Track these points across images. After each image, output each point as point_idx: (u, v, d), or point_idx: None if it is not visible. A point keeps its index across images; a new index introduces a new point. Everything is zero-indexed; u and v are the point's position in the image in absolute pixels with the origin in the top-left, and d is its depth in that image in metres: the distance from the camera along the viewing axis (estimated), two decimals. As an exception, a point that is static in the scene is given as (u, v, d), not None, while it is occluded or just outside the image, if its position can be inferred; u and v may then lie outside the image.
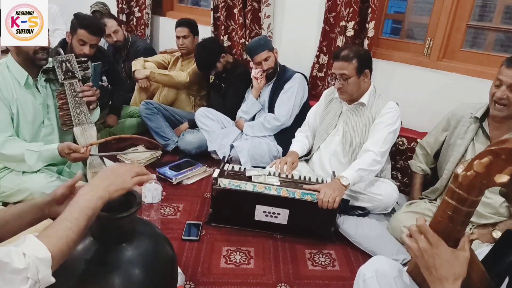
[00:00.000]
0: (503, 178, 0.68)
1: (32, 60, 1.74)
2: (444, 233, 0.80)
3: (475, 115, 1.74)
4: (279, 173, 1.96)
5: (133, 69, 3.01)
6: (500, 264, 0.86)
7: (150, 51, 3.35)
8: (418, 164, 2.03)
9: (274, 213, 1.84)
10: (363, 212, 1.97)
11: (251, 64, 2.62)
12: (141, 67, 3.01)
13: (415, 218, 1.80)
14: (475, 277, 0.84)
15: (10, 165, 1.80)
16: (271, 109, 2.57)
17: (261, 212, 1.85)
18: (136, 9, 3.76)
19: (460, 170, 0.74)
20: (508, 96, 1.57)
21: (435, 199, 1.89)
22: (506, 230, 0.96)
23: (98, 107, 2.00)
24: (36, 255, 0.77)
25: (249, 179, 1.86)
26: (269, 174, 1.93)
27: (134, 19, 3.80)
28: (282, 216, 1.84)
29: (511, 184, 0.69)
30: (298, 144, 2.21)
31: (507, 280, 0.83)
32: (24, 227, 1.01)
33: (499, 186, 0.69)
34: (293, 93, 2.47)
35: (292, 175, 1.97)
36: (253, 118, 2.68)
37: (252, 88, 2.66)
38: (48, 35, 1.77)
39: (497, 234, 1.61)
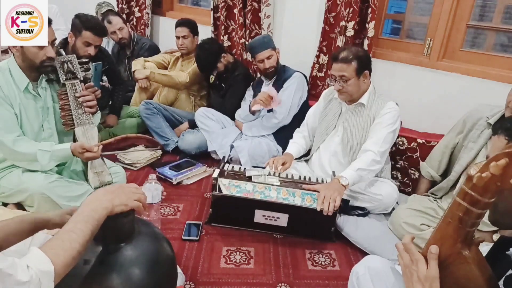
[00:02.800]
0: None
1: (37, 68, 1.75)
2: (454, 234, 0.80)
3: (489, 121, 1.72)
4: (279, 173, 1.96)
5: (133, 69, 3.01)
6: (493, 272, 0.86)
7: (155, 49, 3.36)
8: (428, 169, 2.01)
9: (273, 217, 1.84)
10: (363, 212, 1.97)
11: (253, 66, 2.61)
12: (141, 67, 3.01)
13: (417, 216, 1.81)
14: (482, 280, 0.83)
15: (21, 163, 1.79)
16: (271, 109, 2.58)
17: (260, 216, 1.85)
18: (136, 9, 3.76)
19: (473, 171, 0.73)
20: None
21: (440, 198, 1.88)
22: (500, 236, 0.95)
23: (99, 111, 1.99)
24: (40, 268, 0.77)
25: (249, 179, 1.87)
26: (269, 174, 1.93)
27: (134, 19, 3.80)
28: (281, 219, 1.84)
29: None
30: (294, 146, 2.22)
31: None
32: (17, 242, 1.01)
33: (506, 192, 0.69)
34: (291, 91, 2.47)
35: (292, 175, 1.97)
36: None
37: (251, 95, 2.66)
38: (54, 45, 1.78)
39: (497, 236, 1.61)
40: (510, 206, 0.81)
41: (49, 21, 1.68)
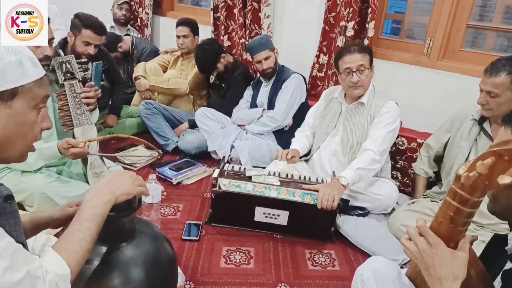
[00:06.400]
0: (506, 179, 0.67)
1: None
2: (445, 234, 0.79)
3: (474, 117, 1.77)
4: (279, 173, 1.96)
5: (134, 75, 3.04)
6: (490, 269, 0.86)
7: (156, 54, 3.37)
8: (422, 166, 2.02)
9: (274, 214, 1.84)
10: (363, 212, 1.97)
11: (253, 66, 2.61)
12: (142, 71, 3.04)
13: (414, 218, 1.81)
14: (475, 277, 0.83)
15: (11, 164, 1.79)
16: (270, 109, 2.58)
17: (260, 214, 1.85)
18: (140, 9, 3.75)
19: (462, 171, 0.73)
20: (488, 101, 1.66)
21: (440, 200, 1.89)
22: (493, 234, 0.95)
23: (97, 108, 1.99)
24: (56, 271, 0.77)
25: (249, 179, 1.86)
26: (269, 174, 1.93)
27: (138, 20, 3.79)
28: (282, 217, 1.84)
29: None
30: (298, 143, 2.21)
31: (498, 285, 0.83)
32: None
33: (501, 187, 0.69)
34: (289, 92, 2.47)
35: (292, 175, 1.97)
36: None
37: (250, 95, 2.67)
38: (51, 43, 1.77)
39: None
40: None
41: (47, 20, 1.68)
